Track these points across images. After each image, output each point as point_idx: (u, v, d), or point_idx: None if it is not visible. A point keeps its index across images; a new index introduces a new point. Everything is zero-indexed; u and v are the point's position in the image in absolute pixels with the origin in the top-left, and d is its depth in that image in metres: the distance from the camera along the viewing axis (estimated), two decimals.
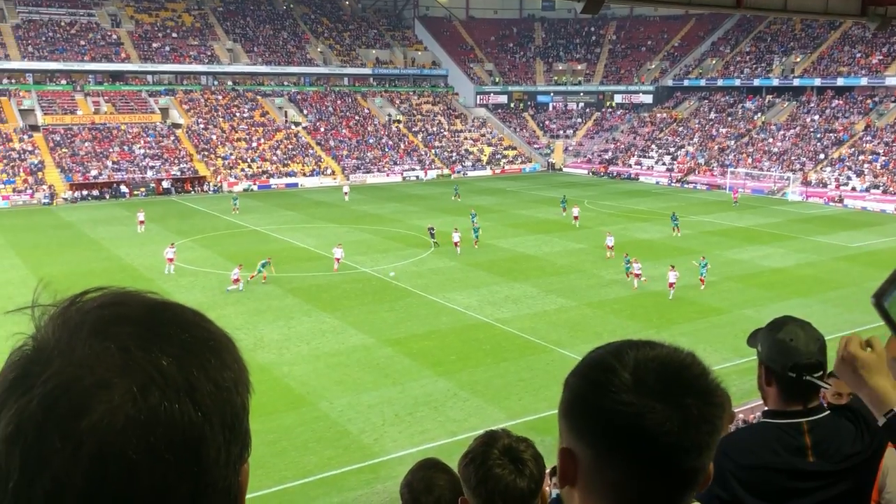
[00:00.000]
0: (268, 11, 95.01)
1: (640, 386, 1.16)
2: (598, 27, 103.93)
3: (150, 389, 0.89)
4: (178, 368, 0.92)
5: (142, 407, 0.88)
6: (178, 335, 0.95)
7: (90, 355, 0.90)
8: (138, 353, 0.91)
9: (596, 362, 1.24)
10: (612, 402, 1.16)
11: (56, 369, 0.89)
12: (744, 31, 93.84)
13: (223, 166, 70.87)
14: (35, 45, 76.06)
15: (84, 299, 0.97)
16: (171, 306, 1.00)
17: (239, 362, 1.02)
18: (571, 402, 1.23)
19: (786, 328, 2.56)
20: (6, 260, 39.31)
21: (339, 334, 27.71)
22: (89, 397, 0.87)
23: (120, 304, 0.97)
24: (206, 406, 0.93)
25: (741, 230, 48.30)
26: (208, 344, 0.98)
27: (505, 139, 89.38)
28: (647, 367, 1.19)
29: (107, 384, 0.88)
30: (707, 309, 30.87)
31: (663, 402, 1.15)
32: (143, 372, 0.90)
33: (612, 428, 1.16)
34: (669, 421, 1.14)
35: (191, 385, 0.92)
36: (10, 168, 63.00)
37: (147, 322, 0.95)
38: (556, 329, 28.24)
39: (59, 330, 0.94)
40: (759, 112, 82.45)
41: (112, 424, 0.86)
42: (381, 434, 20.07)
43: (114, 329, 0.93)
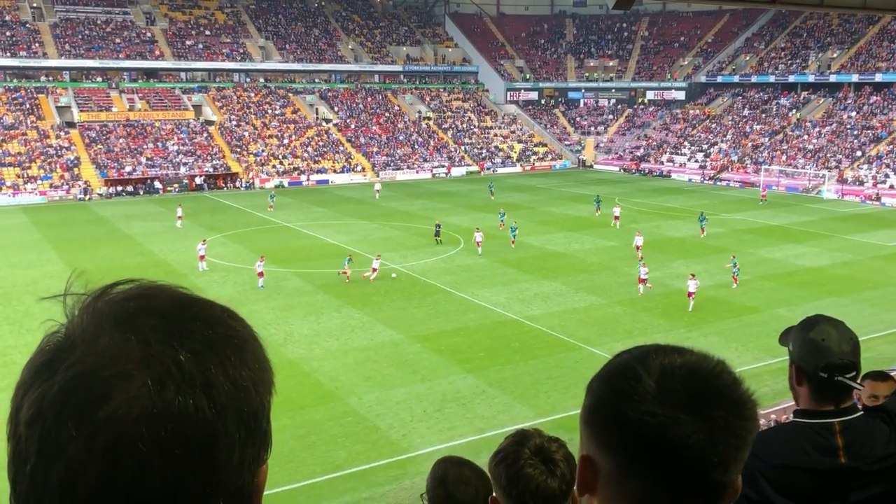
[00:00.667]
0: (299, 9, 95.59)
1: (665, 395, 1.11)
2: (630, 23, 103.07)
3: (167, 383, 0.90)
4: (197, 364, 0.92)
5: (156, 400, 0.89)
6: (202, 331, 0.96)
7: (112, 346, 0.91)
8: (158, 346, 0.92)
9: (620, 368, 1.19)
10: (636, 411, 1.11)
11: (78, 357, 0.91)
12: (779, 27, 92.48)
13: (255, 163, 71.49)
14: (72, 43, 77.32)
15: (114, 290, 0.99)
16: (199, 302, 1.00)
17: (261, 362, 1.01)
18: (593, 408, 1.18)
19: (818, 327, 2.51)
20: (43, 254, 40.03)
21: (368, 330, 27.83)
22: (108, 387, 0.88)
23: (148, 297, 0.98)
24: (222, 404, 0.93)
25: (775, 228, 47.63)
26: (231, 342, 0.97)
27: (535, 136, 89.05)
28: (673, 375, 1.13)
29: (126, 375, 0.89)
30: (739, 308, 30.50)
31: (690, 414, 1.10)
32: (161, 365, 0.91)
33: (635, 439, 1.10)
34: (696, 434, 1.09)
35: (208, 381, 0.92)
36: (47, 164, 64.13)
37: (172, 316, 0.96)
38: (586, 327, 28.09)
39: (87, 319, 0.95)
40: (794, 109, 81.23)
41: (127, 416, 0.87)
42: (410, 430, 20.12)
43: (138, 321, 0.94)
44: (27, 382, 0.93)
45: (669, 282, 34.44)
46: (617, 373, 1.18)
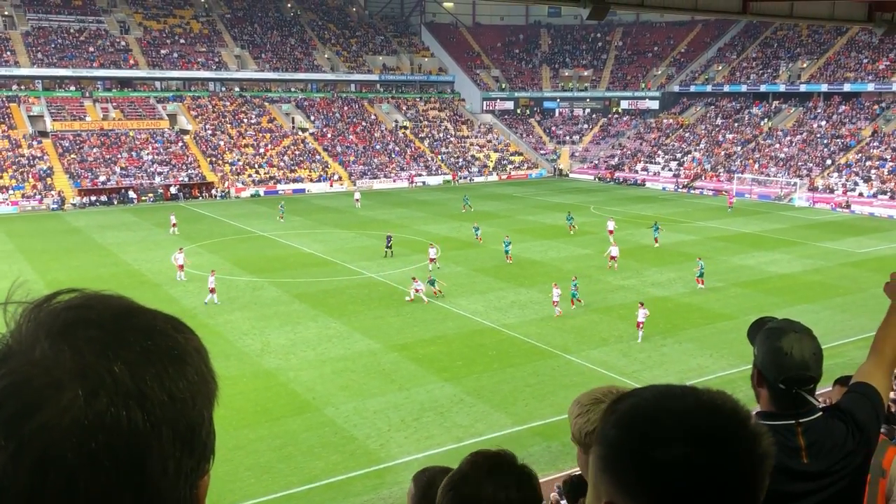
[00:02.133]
0: (275, 18, 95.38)
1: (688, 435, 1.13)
2: (605, 33, 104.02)
3: (99, 394, 0.88)
4: (131, 376, 0.91)
5: (87, 411, 0.87)
6: (140, 342, 0.94)
7: (46, 356, 0.90)
8: (92, 357, 0.90)
9: (638, 412, 1.20)
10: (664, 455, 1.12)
11: (12, 367, 0.90)
12: (750, 37, 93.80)
13: (231, 172, 71.10)
14: (44, 51, 76.53)
15: (56, 300, 0.97)
16: (142, 313, 0.99)
17: (202, 374, 0.99)
18: (615, 455, 1.18)
19: (785, 338, 2.54)
20: (15, 265, 39.50)
21: (345, 339, 27.75)
22: (39, 398, 0.87)
23: (87, 307, 0.96)
24: (156, 416, 0.91)
25: (747, 236, 48.20)
26: (170, 353, 0.96)
27: (511, 145, 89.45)
28: (693, 414, 1.16)
29: (58, 386, 0.88)
30: (713, 315, 30.81)
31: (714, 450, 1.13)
32: (95, 376, 0.89)
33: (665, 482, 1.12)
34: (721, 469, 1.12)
35: (142, 393, 0.90)
36: (20, 174, 63.34)
37: (110, 327, 0.94)
38: (563, 334, 28.22)
39: (26, 329, 0.94)
40: (766, 118, 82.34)
41: (57, 427, 0.86)
42: (387, 439, 20.07)
43: (75, 332, 0.92)
44: None
45: (645, 289, 34.70)
46: (635, 416, 1.19)
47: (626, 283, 35.94)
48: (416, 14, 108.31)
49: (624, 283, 35.93)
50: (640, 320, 27.53)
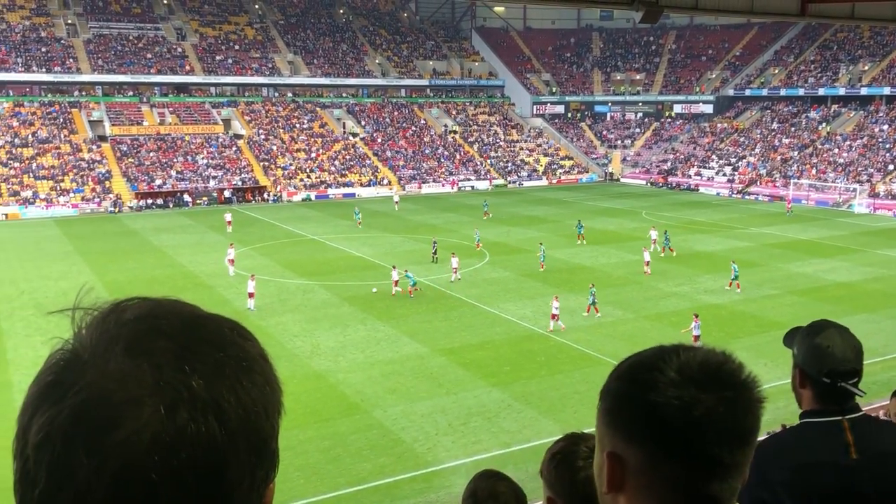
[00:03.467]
0: (328, 24, 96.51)
1: (685, 381, 1.22)
2: (657, 37, 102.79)
3: (178, 409, 0.89)
4: (208, 389, 0.91)
5: (168, 427, 0.88)
6: (213, 354, 0.94)
7: (123, 370, 0.90)
8: (169, 371, 0.90)
9: (639, 364, 1.29)
10: (661, 396, 1.21)
11: (88, 381, 0.89)
12: (808, 40, 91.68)
13: (283, 176, 72.11)
14: (105, 58, 78.70)
15: (123, 308, 0.97)
16: (208, 321, 0.99)
17: (271, 384, 1.00)
18: (617, 405, 1.27)
19: (824, 333, 2.56)
20: (74, 266, 40.63)
21: (394, 343, 27.87)
22: (118, 413, 0.87)
23: (157, 316, 0.96)
24: (233, 429, 0.92)
25: (804, 243, 47.06)
26: (241, 364, 0.96)
27: (561, 149, 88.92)
28: (689, 364, 1.25)
29: (136, 401, 0.88)
30: (768, 323, 30.12)
31: (709, 393, 1.21)
32: (173, 391, 0.89)
33: (663, 422, 1.20)
34: (717, 410, 1.20)
35: (219, 407, 0.91)
36: (80, 177, 65.20)
37: (182, 338, 0.94)
38: (613, 341, 27.89)
39: (96, 340, 0.94)
40: (824, 122, 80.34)
41: (138, 443, 0.86)
42: (435, 443, 20.07)
43: (148, 344, 0.92)
44: (34, 403, 0.91)
45: (697, 296, 34.14)
46: (637, 368, 1.29)
47: (678, 289, 35.39)
48: (466, 19, 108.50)
49: (676, 289, 35.39)
50: (696, 334, 26.77)
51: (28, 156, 66.20)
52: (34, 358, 26.16)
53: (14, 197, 61.42)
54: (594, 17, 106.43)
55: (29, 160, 65.74)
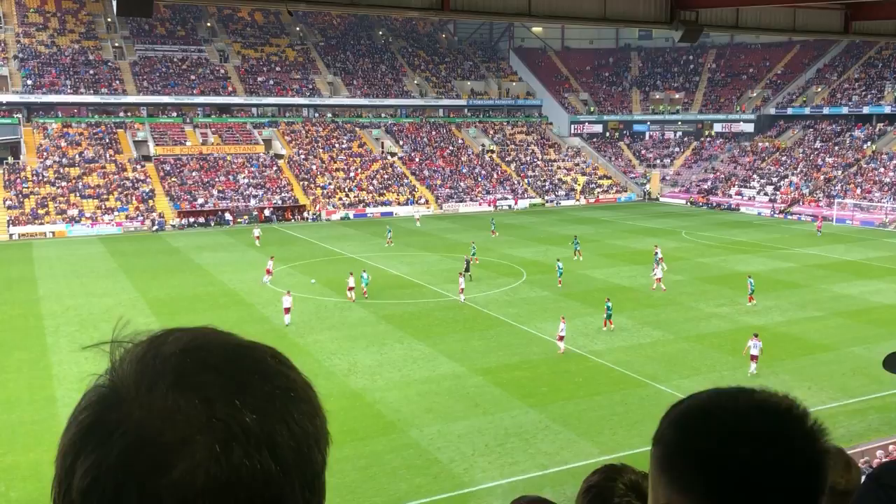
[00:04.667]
0: (367, 46, 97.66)
1: (746, 431, 1.15)
2: (697, 55, 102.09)
3: (232, 446, 0.85)
4: (261, 423, 0.87)
5: (223, 466, 0.84)
6: (261, 386, 0.91)
7: (170, 407, 0.86)
8: (220, 406, 0.87)
9: (695, 411, 1.22)
10: (722, 447, 1.13)
11: (135, 421, 0.85)
12: (852, 58, 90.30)
13: (322, 195, 72.86)
14: (150, 80, 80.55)
15: (162, 342, 0.94)
16: (251, 351, 0.95)
17: (320, 414, 0.96)
18: (672, 454, 1.20)
19: None
20: (118, 283, 41.41)
21: (430, 362, 27.84)
22: (170, 454, 0.83)
23: (200, 348, 0.92)
24: (288, 463, 0.88)
25: (849, 263, 46.09)
26: (289, 395, 0.93)
27: (599, 168, 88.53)
28: (750, 412, 1.18)
29: (188, 441, 0.84)
30: (812, 345, 29.51)
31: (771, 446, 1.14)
32: (225, 427, 0.86)
33: (723, 475, 1.12)
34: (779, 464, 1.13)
35: (273, 441, 0.88)
36: (124, 196, 66.60)
37: (229, 370, 0.90)
38: (652, 363, 27.54)
39: (137, 375, 0.90)
40: (869, 141, 78.88)
41: (192, 484, 0.83)
42: (471, 464, 19.96)
43: (195, 378, 0.89)
44: (77, 445, 0.87)
45: (739, 318, 33.60)
46: (693, 415, 1.21)
47: (719, 310, 34.89)
48: (504, 39, 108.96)
49: (717, 310, 34.89)
50: (754, 353, 26.35)
51: (75, 175, 67.84)
52: (78, 374, 26.65)
53: (61, 215, 62.92)
54: (633, 36, 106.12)
55: (75, 179, 67.36)
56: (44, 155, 69.56)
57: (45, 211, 62.90)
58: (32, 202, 63.52)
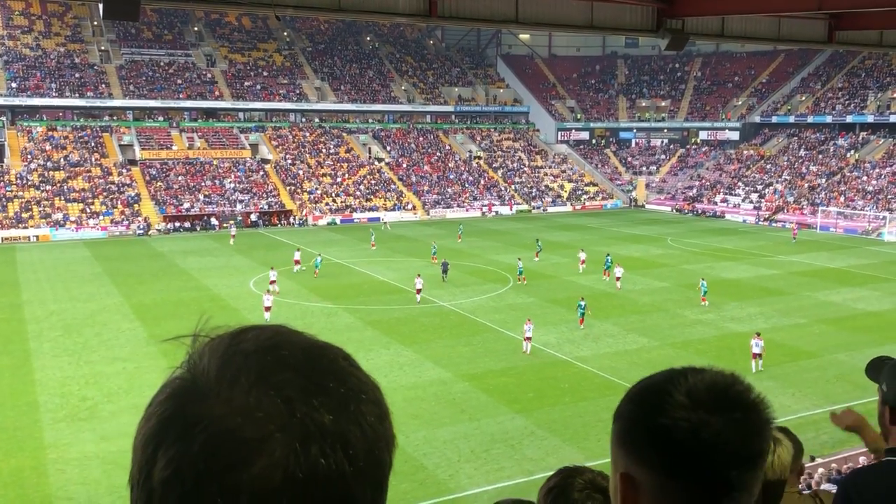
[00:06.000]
0: (354, 51, 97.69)
1: (694, 403, 1.23)
2: (683, 63, 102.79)
3: (310, 446, 0.87)
4: (336, 424, 0.90)
5: (301, 464, 0.86)
6: (337, 387, 0.93)
7: (251, 404, 0.88)
8: (299, 405, 0.89)
9: (649, 388, 1.31)
10: (670, 418, 1.22)
11: (218, 415, 0.88)
12: (836, 67, 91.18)
13: (309, 200, 72.71)
14: (136, 84, 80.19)
15: (243, 338, 0.95)
16: (326, 351, 0.98)
17: (388, 417, 0.99)
18: (628, 427, 1.29)
19: None
20: (103, 288, 41.13)
21: (417, 367, 27.82)
22: (250, 450, 0.86)
23: (279, 347, 0.94)
24: (360, 464, 0.91)
25: (832, 271, 46.47)
26: (361, 396, 0.95)
27: (586, 175, 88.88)
28: (697, 386, 1.26)
29: (268, 437, 0.87)
30: (796, 352, 29.72)
31: (718, 416, 1.22)
32: (303, 426, 0.88)
33: (672, 445, 1.21)
34: (726, 432, 1.21)
35: (347, 441, 0.90)
36: (109, 200, 66.19)
37: (306, 370, 0.93)
38: (638, 369, 27.62)
39: (218, 370, 0.92)
40: (853, 149, 79.64)
41: (270, 480, 0.85)
42: (457, 470, 19.95)
43: (275, 377, 0.91)
44: (158, 434, 0.90)
45: (724, 324, 33.80)
46: (646, 391, 1.31)
47: (704, 317, 35.08)
48: (492, 46, 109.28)
49: (702, 317, 35.08)
50: (756, 351, 27.43)
51: (59, 179, 67.39)
52: (61, 378, 26.45)
53: (45, 219, 62.46)
54: (619, 44, 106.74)
55: (60, 183, 66.90)
56: (28, 158, 69.05)
57: (29, 214, 62.41)
58: (16, 206, 63.03)
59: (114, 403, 24.13)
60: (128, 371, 27.17)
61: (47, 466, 19.87)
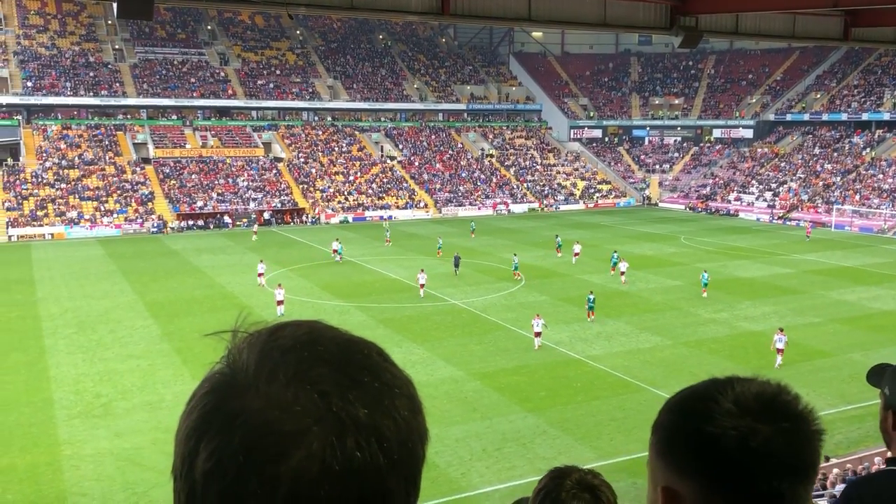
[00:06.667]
0: (367, 50, 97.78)
1: (742, 412, 1.17)
2: (697, 61, 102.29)
3: (346, 438, 0.89)
4: (371, 418, 0.92)
5: (337, 456, 0.88)
6: (371, 382, 0.95)
7: (288, 398, 0.90)
8: (335, 399, 0.91)
9: (693, 395, 1.26)
10: (717, 426, 1.16)
11: (257, 409, 0.90)
12: (851, 64, 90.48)
13: (321, 199, 72.86)
14: (150, 82, 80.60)
15: (280, 334, 0.98)
16: (360, 346, 1.00)
17: (422, 412, 1.00)
18: (671, 437, 1.23)
19: None
20: (116, 286, 41.37)
21: (428, 366, 27.82)
22: (288, 443, 0.88)
23: (315, 342, 0.97)
24: (395, 457, 0.92)
25: (847, 270, 46.13)
26: (394, 391, 0.97)
27: (599, 173, 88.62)
28: (744, 395, 1.21)
29: (305, 431, 0.89)
30: (810, 351, 29.52)
31: (766, 424, 1.16)
32: (339, 420, 0.90)
33: (719, 454, 1.15)
34: (775, 442, 1.15)
35: (382, 435, 0.92)
36: (123, 198, 66.57)
37: (341, 365, 0.95)
38: (650, 368, 27.54)
39: (257, 365, 0.94)
40: (868, 147, 79.00)
41: (308, 473, 0.87)
42: (469, 468, 19.94)
43: (311, 371, 0.93)
44: (199, 428, 0.93)
45: (737, 323, 33.62)
46: (690, 399, 1.25)
47: (717, 316, 34.90)
48: (504, 44, 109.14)
49: (715, 316, 34.90)
50: (780, 347, 27.52)
51: (74, 177, 67.84)
52: (75, 375, 26.63)
53: (60, 217, 62.88)
54: (632, 41, 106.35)
55: (75, 181, 67.34)
56: (43, 157, 69.54)
57: (44, 212, 62.86)
58: (31, 204, 63.49)
59: (128, 400, 24.28)
60: (141, 368, 27.33)
61: (62, 463, 20.01)
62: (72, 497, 18.33)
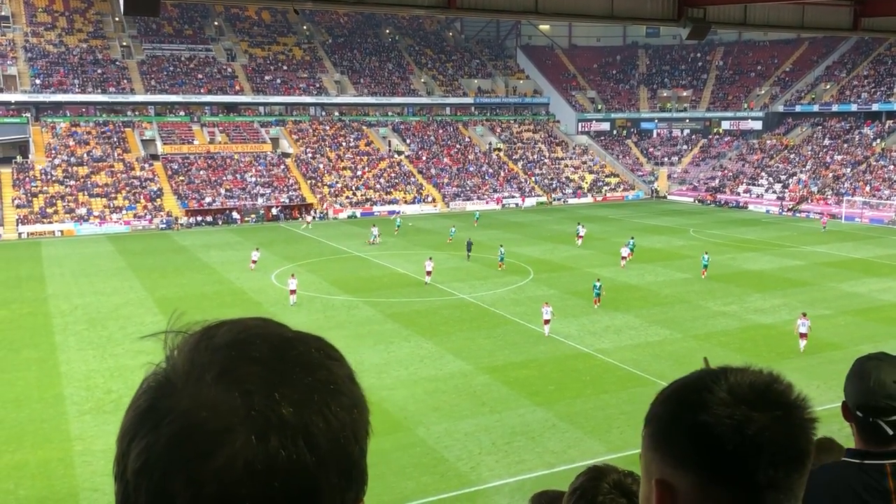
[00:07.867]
0: (374, 44, 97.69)
1: (737, 401, 1.18)
2: (705, 53, 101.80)
3: (269, 437, 0.90)
4: (298, 415, 0.92)
5: (260, 455, 0.89)
6: (302, 379, 0.95)
7: (215, 398, 0.91)
8: (259, 398, 0.91)
9: (686, 386, 1.26)
10: (713, 415, 1.16)
11: (183, 409, 0.91)
12: (861, 55, 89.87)
13: (329, 194, 72.93)
14: (157, 79, 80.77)
15: (213, 334, 0.98)
16: (297, 344, 1.00)
17: (359, 406, 1.01)
18: (665, 428, 1.23)
19: (867, 364, 2.39)
20: (126, 282, 41.53)
21: (437, 360, 27.84)
22: (212, 442, 0.89)
23: (246, 342, 0.97)
24: (323, 454, 0.93)
25: (858, 261, 45.89)
26: (329, 388, 0.97)
27: (607, 166, 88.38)
28: (738, 384, 1.21)
29: (229, 430, 0.89)
30: (821, 344, 29.39)
31: (761, 413, 1.17)
32: (263, 418, 0.90)
33: (715, 443, 1.15)
34: (769, 430, 1.16)
35: (309, 432, 0.92)
36: (132, 195, 66.80)
37: (271, 363, 0.95)
38: (660, 361, 27.47)
39: (188, 366, 0.95)
40: (879, 138, 78.50)
41: (232, 471, 0.88)
42: (478, 462, 19.95)
43: (239, 371, 0.93)
44: (132, 429, 0.93)
45: (747, 315, 33.50)
46: (684, 390, 1.25)
47: (727, 308, 34.78)
48: (511, 37, 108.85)
49: (725, 308, 34.78)
50: (803, 331, 28.02)
51: (83, 174, 68.08)
52: (86, 371, 26.76)
53: (69, 214, 63.15)
54: (640, 34, 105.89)
55: (84, 178, 67.59)
56: (52, 154, 69.82)
57: (53, 210, 63.13)
58: (41, 201, 63.77)
59: None
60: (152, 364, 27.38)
61: (74, 458, 20.12)
62: (84, 493, 18.43)
